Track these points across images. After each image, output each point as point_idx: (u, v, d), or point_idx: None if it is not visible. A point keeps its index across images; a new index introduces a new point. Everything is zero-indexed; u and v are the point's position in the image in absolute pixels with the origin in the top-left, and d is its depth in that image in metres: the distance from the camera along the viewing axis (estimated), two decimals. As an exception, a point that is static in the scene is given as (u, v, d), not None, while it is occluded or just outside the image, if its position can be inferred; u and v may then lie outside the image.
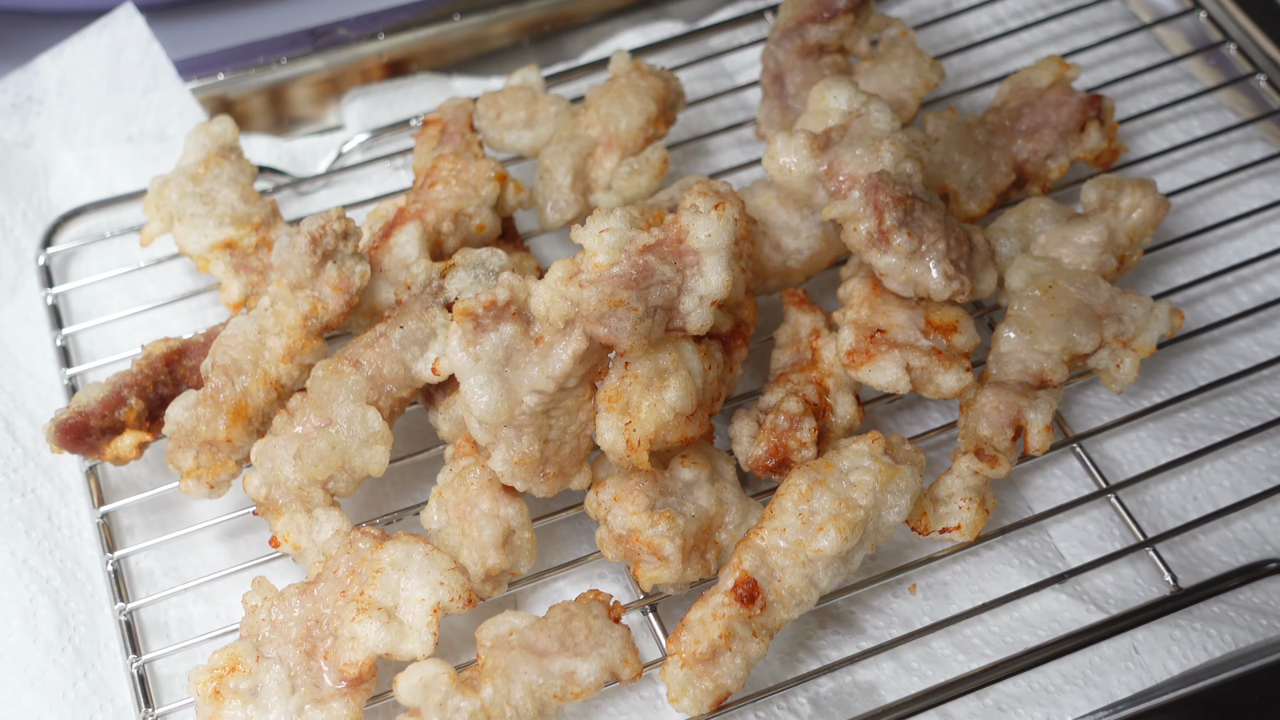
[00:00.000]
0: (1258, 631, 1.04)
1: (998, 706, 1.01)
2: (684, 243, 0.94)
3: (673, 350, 0.97)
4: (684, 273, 0.93)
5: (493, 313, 0.94)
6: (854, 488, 0.97)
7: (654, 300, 0.92)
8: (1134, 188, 1.16)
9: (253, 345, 1.05)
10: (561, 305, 0.92)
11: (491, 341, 0.93)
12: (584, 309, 0.91)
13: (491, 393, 0.93)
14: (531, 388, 0.94)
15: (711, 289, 0.93)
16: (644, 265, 0.92)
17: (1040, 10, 1.49)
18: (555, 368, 0.93)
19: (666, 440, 0.97)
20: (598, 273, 0.92)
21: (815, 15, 1.26)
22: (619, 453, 0.95)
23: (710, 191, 1.01)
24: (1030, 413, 1.06)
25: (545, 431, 0.97)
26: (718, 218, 0.93)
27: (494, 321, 0.94)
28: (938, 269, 1.03)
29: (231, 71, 1.41)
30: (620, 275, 0.92)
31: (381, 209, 1.18)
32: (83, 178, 1.35)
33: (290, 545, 1.01)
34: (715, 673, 0.94)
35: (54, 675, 1.04)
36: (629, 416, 0.95)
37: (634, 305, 0.91)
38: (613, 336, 0.92)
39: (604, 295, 0.91)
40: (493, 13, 1.48)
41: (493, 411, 0.94)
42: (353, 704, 0.93)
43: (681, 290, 0.94)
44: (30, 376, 1.22)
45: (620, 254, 0.92)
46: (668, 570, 0.97)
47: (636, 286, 0.91)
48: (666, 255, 0.93)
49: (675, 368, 0.97)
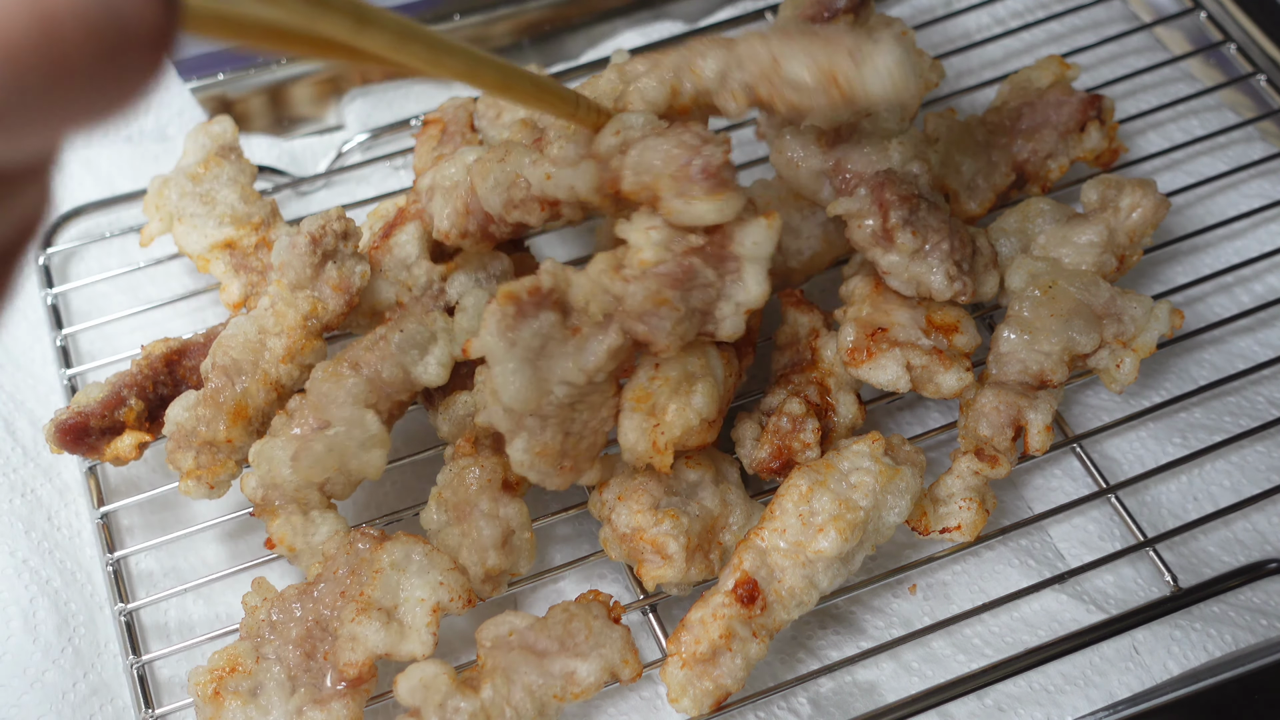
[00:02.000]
0: (1258, 631, 1.04)
1: (998, 706, 1.01)
2: (728, 247, 0.92)
3: (700, 355, 0.97)
4: (725, 278, 0.92)
5: (536, 299, 0.90)
6: (854, 489, 0.97)
7: (694, 303, 0.91)
8: (1134, 188, 1.16)
9: (253, 345, 1.05)
10: (603, 299, 0.91)
11: (530, 329, 0.90)
12: (627, 304, 0.90)
13: (522, 379, 0.90)
14: (562, 379, 0.92)
15: (750, 298, 0.92)
16: (689, 266, 0.90)
17: (1040, 10, 1.49)
18: (589, 361, 0.91)
19: (687, 444, 0.97)
20: (643, 269, 0.90)
21: (815, 15, 1.26)
22: (640, 453, 0.95)
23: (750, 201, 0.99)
24: (1030, 413, 1.06)
25: (568, 424, 0.95)
26: (767, 226, 0.91)
27: (535, 308, 0.90)
28: (940, 269, 1.03)
29: (231, 71, 1.41)
30: (667, 274, 0.90)
31: (381, 209, 1.18)
32: (83, 178, 1.35)
33: (285, 547, 1.01)
34: (715, 673, 0.94)
35: (54, 676, 1.04)
36: (656, 419, 0.95)
37: (677, 305, 0.90)
38: (651, 335, 0.91)
39: (650, 292, 0.89)
40: (493, 13, 1.48)
41: (522, 399, 0.91)
42: (353, 704, 0.93)
43: (720, 295, 0.93)
44: (30, 376, 1.22)
45: (667, 252, 0.90)
46: (671, 569, 0.97)
47: (681, 287, 0.90)
48: (710, 258, 0.91)
49: (703, 373, 0.96)
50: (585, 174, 0.94)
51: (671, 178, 0.90)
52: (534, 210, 0.96)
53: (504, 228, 0.99)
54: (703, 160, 0.90)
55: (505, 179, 0.97)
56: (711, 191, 0.89)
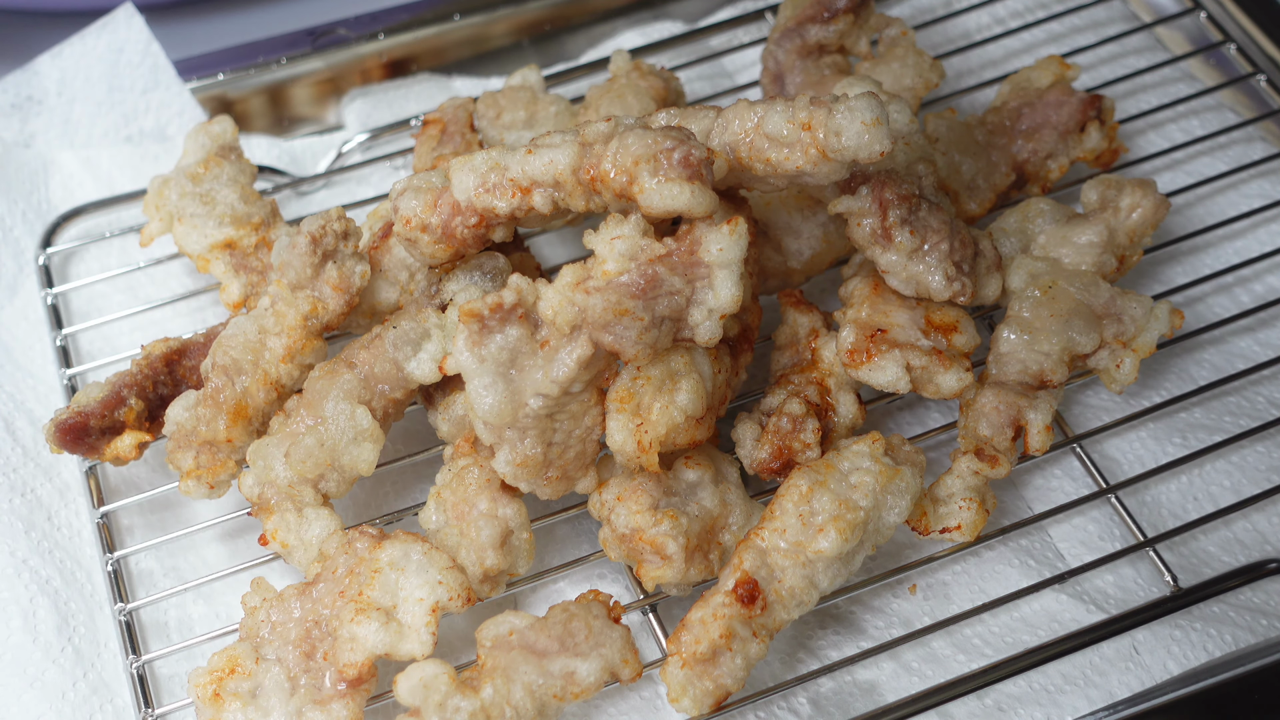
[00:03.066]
0: (1258, 631, 1.04)
1: (998, 706, 1.01)
2: (695, 254, 0.92)
3: (684, 353, 0.97)
4: (694, 284, 0.92)
5: (498, 315, 0.93)
6: (854, 489, 0.97)
7: (661, 311, 0.92)
8: (1134, 188, 1.16)
9: (253, 345, 1.05)
10: (569, 310, 0.92)
11: (496, 343, 0.93)
12: (589, 316, 0.91)
13: (495, 394, 0.93)
14: (535, 391, 0.93)
15: (721, 303, 0.92)
16: (653, 275, 0.91)
17: (1040, 10, 1.49)
18: (559, 372, 0.93)
19: (675, 443, 0.97)
20: (605, 280, 0.91)
21: (815, 15, 1.26)
22: (628, 454, 0.95)
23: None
24: (1030, 413, 1.06)
25: (549, 435, 0.96)
26: (730, 232, 0.92)
27: (499, 324, 0.93)
28: (939, 269, 1.03)
29: (231, 71, 1.41)
30: (628, 284, 0.90)
31: (381, 209, 1.18)
32: (83, 178, 1.35)
33: (278, 544, 1.01)
34: (715, 673, 0.94)
35: (54, 675, 1.04)
36: (640, 418, 0.95)
37: (639, 315, 0.90)
38: (618, 345, 0.91)
39: (609, 304, 0.90)
40: (493, 13, 1.48)
41: (496, 413, 0.93)
42: (352, 705, 0.93)
43: (690, 302, 0.93)
44: (30, 376, 1.22)
45: (630, 262, 0.91)
46: (671, 570, 0.97)
47: (644, 296, 0.90)
48: (677, 266, 0.92)
49: (687, 370, 0.96)
50: (566, 150, 0.95)
51: (650, 159, 0.91)
52: (505, 195, 0.96)
53: (469, 219, 0.99)
54: (684, 151, 0.91)
55: (485, 163, 0.98)
56: (686, 179, 0.90)
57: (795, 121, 0.94)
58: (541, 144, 0.97)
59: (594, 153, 0.94)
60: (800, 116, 0.94)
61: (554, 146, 0.96)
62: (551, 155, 0.96)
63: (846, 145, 0.92)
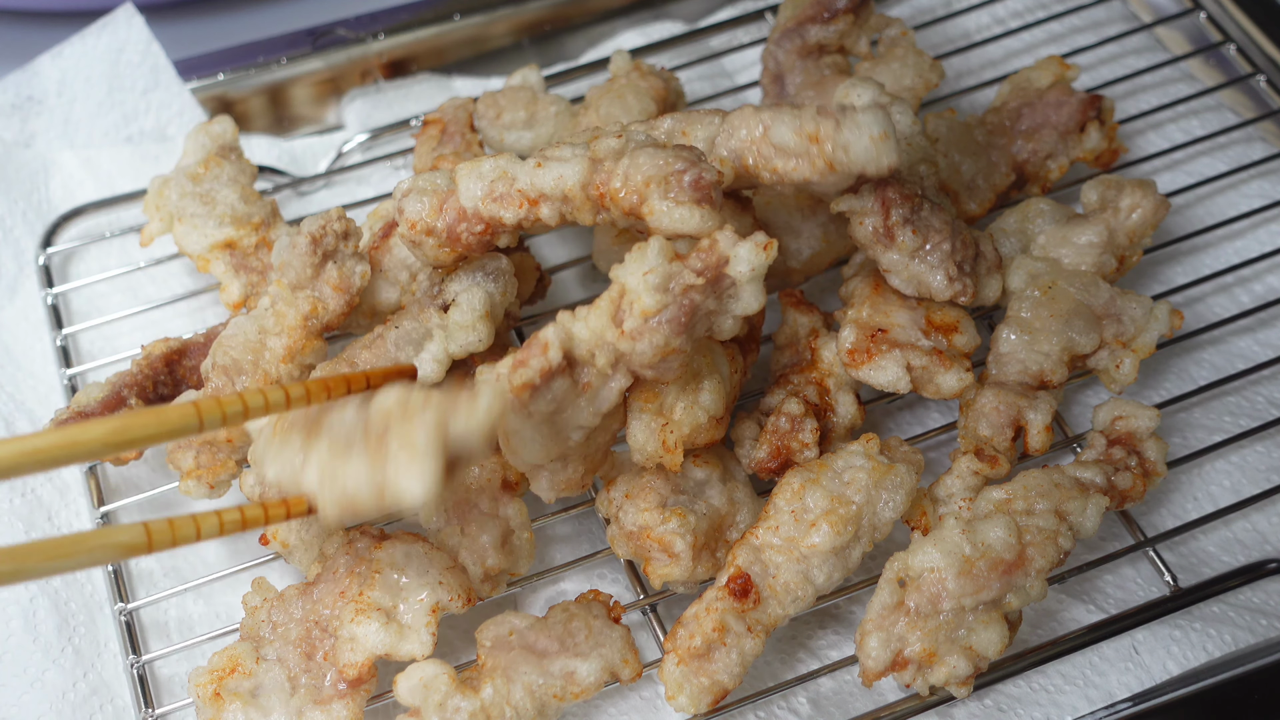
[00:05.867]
0: (1258, 631, 1.04)
1: (998, 707, 1.01)
2: (723, 271, 0.91)
3: (706, 353, 0.98)
4: (723, 300, 0.92)
5: (548, 377, 0.90)
6: (847, 485, 0.98)
7: (699, 332, 0.92)
8: (1134, 188, 1.16)
9: (253, 345, 1.05)
10: (608, 351, 0.91)
11: (544, 400, 0.91)
12: (635, 360, 0.90)
13: (540, 441, 0.92)
14: (578, 425, 0.93)
15: (747, 309, 0.93)
16: (690, 306, 0.89)
17: (1040, 10, 1.49)
18: (603, 405, 0.93)
19: (696, 442, 0.97)
20: (644, 319, 0.89)
21: (815, 15, 1.26)
22: (649, 453, 0.95)
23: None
24: (1030, 413, 1.06)
25: (586, 451, 0.98)
26: (761, 252, 0.90)
27: (545, 383, 0.90)
28: (941, 269, 1.03)
29: (231, 71, 1.41)
30: (670, 321, 0.89)
31: (381, 209, 1.18)
32: (83, 178, 1.35)
33: (279, 544, 1.01)
34: (711, 669, 0.94)
35: (54, 675, 1.04)
36: (665, 418, 0.95)
37: (684, 349, 0.90)
38: (661, 376, 0.92)
39: (657, 347, 0.89)
40: (493, 13, 1.48)
41: (544, 457, 0.94)
42: (353, 705, 0.94)
43: (720, 312, 0.93)
44: (30, 376, 1.22)
45: (664, 295, 0.89)
46: (678, 567, 0.97)
47: (685, 330, 0.90)
48: (708, 289, 0.91)
49: (709, 371, 0.97)
50: (576, 165, 0.95)
51: (661, 181, 0.91)
52: (512, 205, 0.96)
53: (474, 226, 0.98)
54: (695, 174, 0.91)
55: (492, 172, 0.97)
56: (696, 202, 0.90)
57: (803, 134, 0.93)
58: (551, 157, 0.96)
59: (604, 169, 0.94)
60: (808, 128, 0.93)
61: (564, 161, 0.95)
62: (561, 170, 0.95)
63: (855, 159, 0.92)
